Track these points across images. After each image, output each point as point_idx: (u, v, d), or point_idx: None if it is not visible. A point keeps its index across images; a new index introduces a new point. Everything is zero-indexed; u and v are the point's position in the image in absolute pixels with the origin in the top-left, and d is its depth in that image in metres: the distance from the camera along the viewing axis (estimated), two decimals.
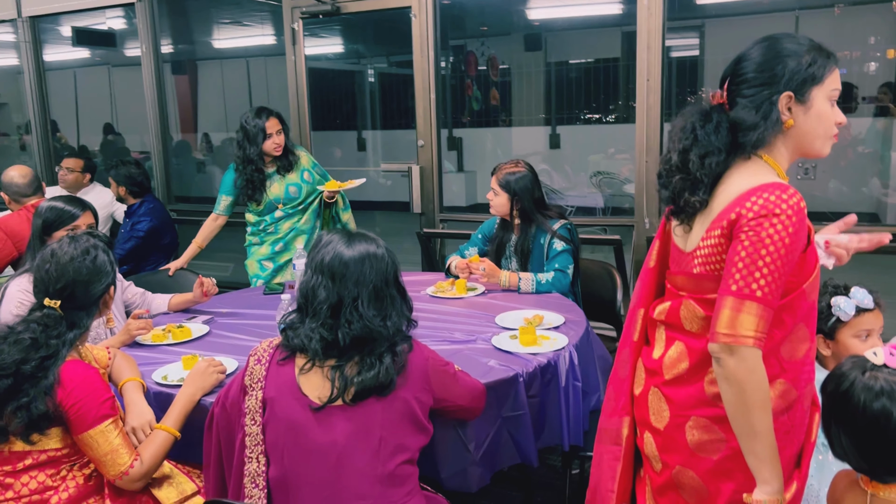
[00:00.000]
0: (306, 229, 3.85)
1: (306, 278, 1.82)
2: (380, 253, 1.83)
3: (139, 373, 2.29)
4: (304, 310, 1.81)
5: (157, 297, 3.04)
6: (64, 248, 2.00)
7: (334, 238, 1.85)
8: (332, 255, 1.80)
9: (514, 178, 3.15)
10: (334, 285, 1.78)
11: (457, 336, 2.57)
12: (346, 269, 1.78)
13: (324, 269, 1.79)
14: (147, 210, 4.40)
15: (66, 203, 2.71)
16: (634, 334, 1.83)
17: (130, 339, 2.59)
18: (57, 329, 1.94)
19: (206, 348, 2.57)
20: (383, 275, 1.82)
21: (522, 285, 3.07)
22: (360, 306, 1.77)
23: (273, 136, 3.66)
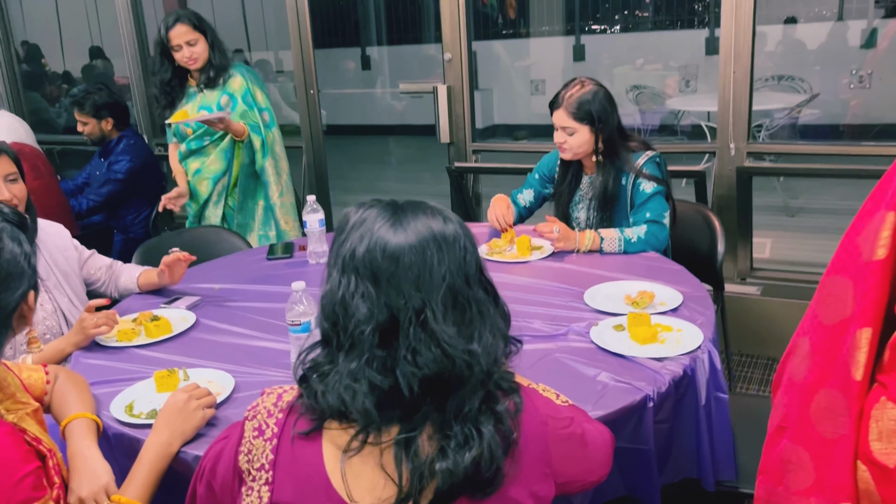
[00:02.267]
0: (213, 174, 3.10)
1: (331, 286, 1.05)
2: (450, 232, 1.05)
3: (92, 402, 1.54)
4: (334, 339, 1.04)
5: (127, 269, 2.26)
6: None
7: (371, 214, 1.06)
8: (371, 242, 1.02)
9: (592, 102, 2.30)
10: (380, 293, 1.01)
11: (537, 326, 1.80)
12: (398, 263, 1.01)
13: (359, 269, 1.02)
14: (126, 147, 3.57)
15: None
16: (856, 370, 1.05)
17: (87, 339, 1.83)
18: None
19: (192, 352, 1.81)
20: (461, 267, 1.04)
21: (606, 245, 2.28)
22: (430, 322, 1.00)
23: (183, 48, 2.90)
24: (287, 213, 3.20)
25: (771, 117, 5.18)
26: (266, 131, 3.08)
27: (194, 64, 2.95)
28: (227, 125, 2.92)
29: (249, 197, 3.16)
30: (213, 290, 2.22)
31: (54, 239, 2.09)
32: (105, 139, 3.60)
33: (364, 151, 8.21)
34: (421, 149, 7.65)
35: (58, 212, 3.00)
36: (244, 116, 3.02)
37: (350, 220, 1.08)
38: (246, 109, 3.02)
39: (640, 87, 6.22)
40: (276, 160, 3.13)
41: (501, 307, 1.12)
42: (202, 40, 2.94)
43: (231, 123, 2.93)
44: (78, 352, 1.83)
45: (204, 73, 3.00)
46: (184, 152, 3.11)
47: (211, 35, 2.97)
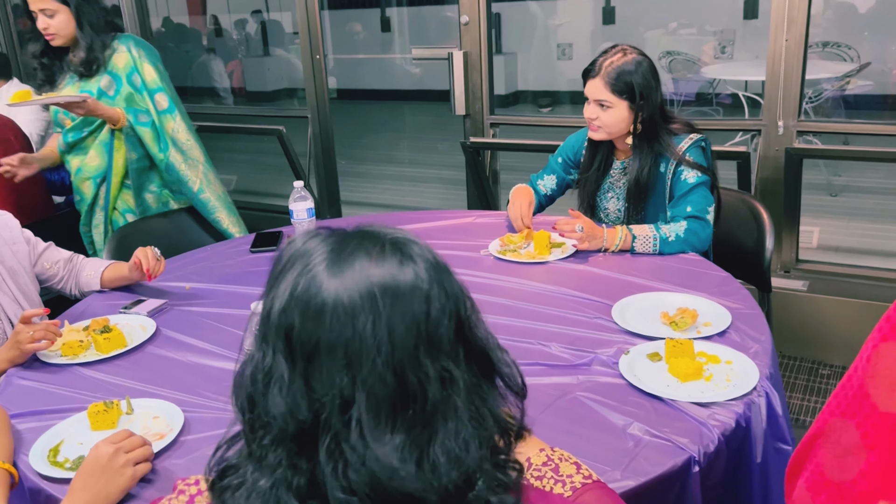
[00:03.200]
0: (94, 173, 2.56)
1: (244, 359, 0.74)
2: (405, 280, 0.71)
3: (8, 446, 1.26)
4: (243, 437, 0.74)
5: (89, 263, 1.97)
6: None
7: (312, 247, 0.73)
8: (295, 293, 0.71)
9: (634, 73, 1.93)
10: (295, 375, 0.69)
11: (555, 352, 1.48)
12: (320, 326, 0.69)
13: (272, 334, 0.71)
14: None
15: None
16: None
17: (23, 355, 1.54)
18: None
19: (144, 373, 1.52)
20: (419, 333, 0.70)
21: (639, 245, 1.94)
22: (362, 424, 0.68)
23: (38, 16, 2.36)
24: (219, 210, 2.66)
25: (815, 89, 4.74)
26: (161, 117, 2.52)
27: (52, 39, 2.39)
28: (92, 110, 2.35)
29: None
30: (182, 290, 1.92)
31: (0, 230, 1.80)
32: None
33: (377, 118, 7.84)
34: (438, 116, 7.27)
35: (30, 190, 2.72)
36: (129, 101, 2.48)
37: (283, 256, 0.75)
38: (132, 92, 2.48)
39: (673, 54, 5.77)
40: (183, 151, 2.58)
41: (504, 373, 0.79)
42: (64, 12, 2.36)
43: (98, 108, 2.37)
44: (13, 369, 1.54)
45: (74, 53, 2.47)
46: (62, 147, 2.55)
47: (78, 8, 2.37)
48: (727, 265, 1.90)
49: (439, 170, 5.84)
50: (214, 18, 9.35)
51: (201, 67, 6.88)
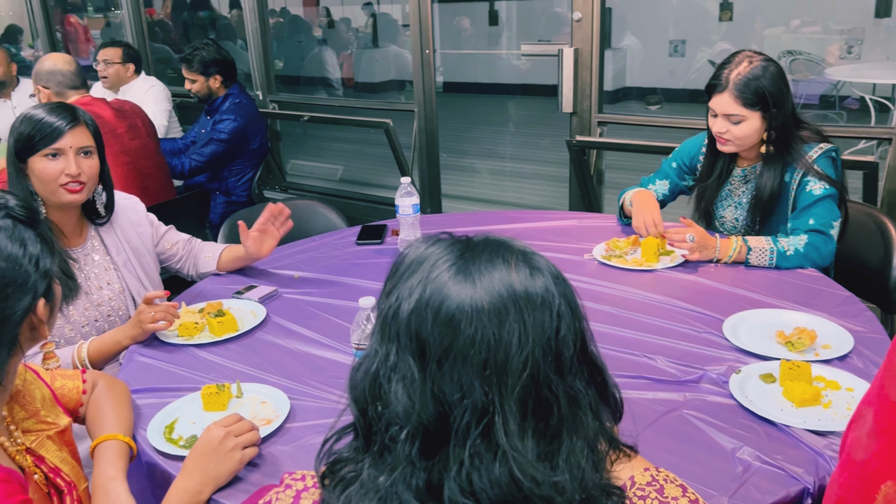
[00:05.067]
0: None
1: (366, 355, 0.75)
2: (537, 290, 0.71)
3: (129, 419, 1.33)
4: (362, 433, 0.75)
5: (208, 246, 2.06)
6: None
7: (434, 253, 0.74)
8: (423, 297, 0.71)
9: (763, 78, 1.84)
10: (427, 377, 0.70)
11: (661, 366, 1.43)
12: (457, 334, 0.69)
13: (401, 335, 0.71)
14: (231, 106, 3.40)
15: (49, 112, 1.69)
16: None
17: (144, 334, 1.63)
18: None
19: (254, 358, 1.58)
20: (551, 347, 0.70)
21: (754, 257, 1.84)
22: (496, 430, 0.68)
23: None
24: None
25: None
26: None
27: None
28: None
29: None
30: (291, 278, 1.98)
31: (128, 213, 1.91)
32: (212, 96, 3.45)
33: (481, 112, 7.84)
34: (543, 111, 7.19)
35: (154, 173, 2.87)
36: None
37: (406, 259, 0.76)
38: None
39: (795, 53, 5.48)
40: None
41: (611, 394, 0.78)
42: None
43: None
44: (134, 346, 1.63)
45: None
46: None
47: None
48: (849, 283, 1.79)
49: (541, 166, 5.79)
50: (326, 10, 9.59)
51: (315, 58, 7.07)
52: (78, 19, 8.30)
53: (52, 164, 1.66)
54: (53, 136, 1.65)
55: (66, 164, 1.66)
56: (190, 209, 2.90)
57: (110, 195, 1.84)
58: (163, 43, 6.93)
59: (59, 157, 1.67)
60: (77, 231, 1.81)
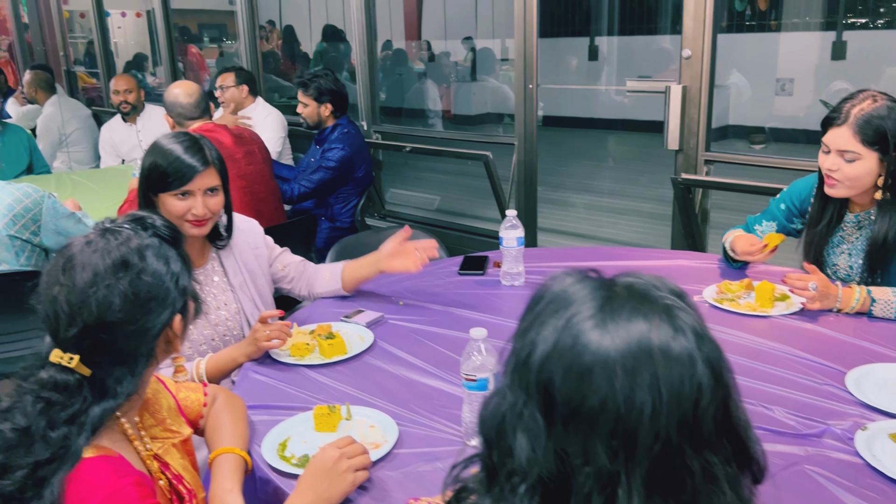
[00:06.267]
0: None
1: (496, 391, 0.75)
2: (679, 350, 0.68)
3: (245, 434, 1.39)
4: (486, 468, 0.74)
5: (323, 270, 2.10)
6: (86, 256, 1.07)
7: (578, 292, 0.72)
8: (560, 343, 0.69)
9: (887, 119, 1.75)
10: (551, 431, 0.68)
11: (779, 417, 1.38)
12: (588, 388, 0.67)
13: (531, 383, 0.70)
14: (340, 136, 3.52)
15: (184, 151, 1.79)
16: None
17: (259, 351, 1.70)
18: (73, 403, 1.04)
19: (362, 381, 1.61)
20: (689, 417, 0.67)
21: (878, 309, 1.75)
22: (619, 501, 0.66)
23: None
24: None
25: None
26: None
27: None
28: None
29: None
30: (396, 305, 2.02)
31: (246, 235, 2.00)
32: (321, 125, 3.58)
33: (578, 146, 7.82)
34: (642, 147, 7.09)
35: (267, 197, 3.00)
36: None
37: (547, 294, 0.74)
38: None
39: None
40: None
41: (753, 457, 0.73)
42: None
43: None
44: (249, 364, 1.70)
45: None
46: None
47: None
48: None
49: (638, 202, 5.69)
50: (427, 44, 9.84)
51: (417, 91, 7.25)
52: (198, 49, 8.83)
53: (180, 203, 1.76)
54: (185, 179, 1.75)
55: (194, 203, 1.76)
56: (298, 233, 3.00)
57: (230, 218, 1.93)
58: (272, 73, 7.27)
59: (188, 197, 1.77)
60: (200, 253, 1.90)
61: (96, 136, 5.12)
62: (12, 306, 2.38)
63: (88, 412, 1.05)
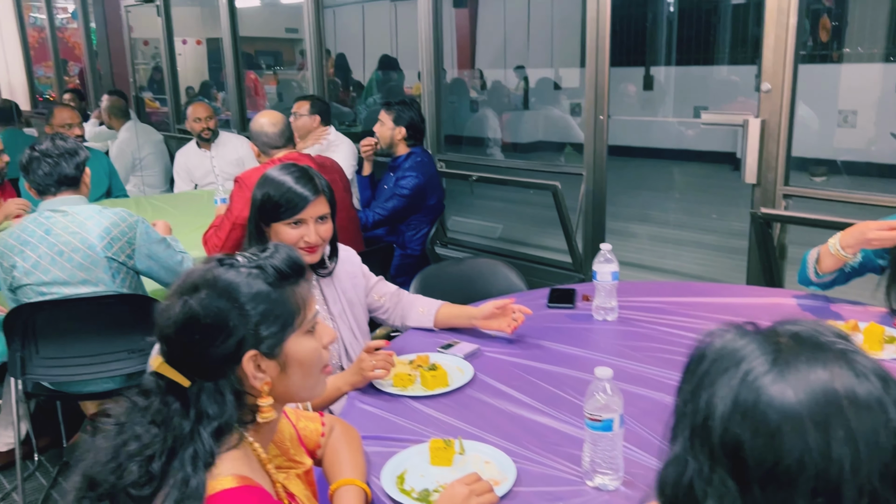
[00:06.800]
0: None
1: (675, 457, 0.73)
2: (865, 393, 0.66)
3: (363, 465, 1.39)
4: None
5: (418, 301, 2.11)
6: (166, 304, 1.08)
7: (743, 347, 0.71)
8: (737, 401, 0.68)
9: None
10: (749, 498, 0.67)
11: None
12: (780, 445, 0.65)
13: (715, 447, 0.69)
14: (414, 164, 3.57)
15: (296, 181, 1.83)
16: None
17: (364, 381, 1.71)
18: (163, 408, 1.04)
19: (468, 415, 1.61)
20: (887, 460, 0.65)
21: None
22: None
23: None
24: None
25: None
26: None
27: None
28: None
29: None
30: (489, 337, 2.01)
31: (345, 264, 2.03)
32: (392, 148, 3.62)
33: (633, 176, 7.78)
34: (699, 178, 7.03)
35: (348, 226, 3.03)
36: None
37: (709, 354, 0.73)
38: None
39: None
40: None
41: None
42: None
43: None
44: (353, 393, 1.71)
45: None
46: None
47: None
48: None
49: (700, 234, 5.63)
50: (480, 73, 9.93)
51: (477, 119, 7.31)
52: (256, 75, 9.06)
53: (294, 231, 1.81)
54: (297, 209, 1.80)
55: (307, 231, 1.81)
56: (374, 261, 3.02)
57: (334, 247, 1.96)
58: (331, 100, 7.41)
59: (301, 225, 1.81)
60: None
61: (167, 160, 5.27)
62: (106, 327, 2.44)
63: (189, 430, 1.03)
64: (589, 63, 3.74)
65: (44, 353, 2.43)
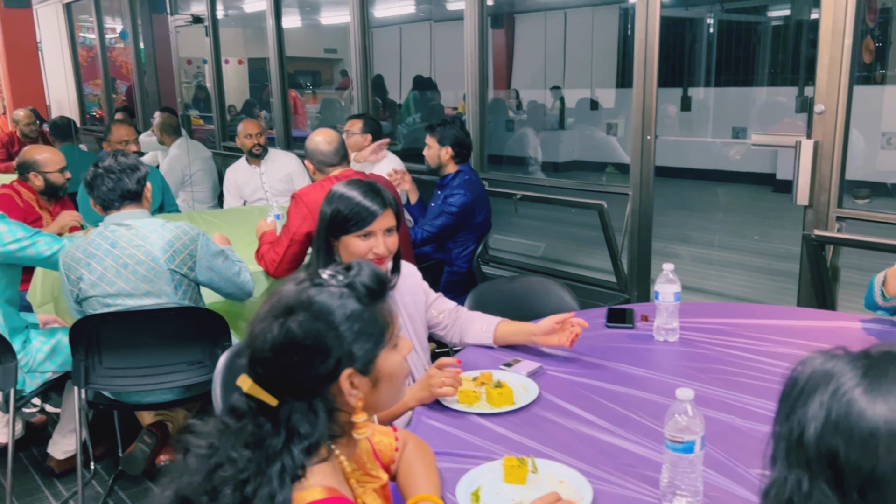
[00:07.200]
0: None
1: (776, 477, 0.73)
2: None
3: (438, 481, 1.39)
4: None
5: (476, 318, 2.11)
6: (258, 328, 1.08)
7: (836, 368, 0.72)
8: (832, 417, 0.69)
9: None
10: (847, 500, 0.67)
11: None
12: (876, 456, 0.66)
13: (812, 461, 0.69)
14: (462, 182, 3.59)
15: (364, 195, 1.87)
16: None
17: (431, 397, 1.71)
18: (250, 427, 1.05)
19: (537, 434, 1.60)
20: None
21: None
22: None
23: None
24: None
25: None
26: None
27: None
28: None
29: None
30: (549, 355, 2.01)
31: (406, 279, 2.04)
32: (441, 168, 3.64)
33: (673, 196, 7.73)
34: (740, 198, 6.95)
35: (402, 242, 3.04)
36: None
37: (801, 377, 0.74)
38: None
39: None
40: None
41: None
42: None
43: None
44: (420, 409, 1.71)
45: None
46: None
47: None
48: None
49: (743, 255, 5.56)
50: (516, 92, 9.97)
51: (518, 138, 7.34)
52: (297, 94, 9.20)
53: (362, 243, 1.83)
54: (367, 221, 1.82)
55: (375, 243, 1.83)
56: (425, 278, 3.03)
57: (396, 262, 1.98)
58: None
59: (370, 237, 1.83)
60: None
61: (215, 176, 5.36)
62: (167, 339, 2.48)
63: (281, 449, 1.03)
64: (636, 83, 3.73)
65: (106, 364, 2.48)
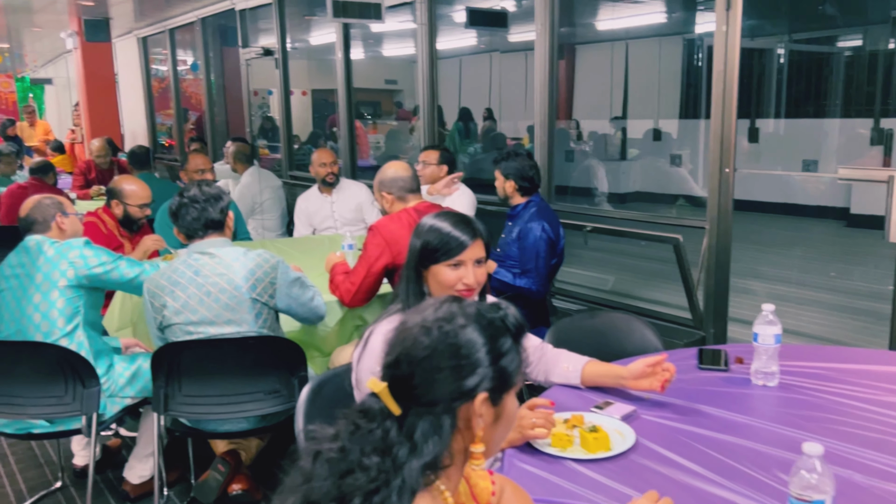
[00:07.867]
0: None
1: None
2: None
3: None
4: None
5: (563, 357, 2.03)
6: (414, 330, 1.06)
7: None
8: None
9: None
10: None
11: None
12: None
13: None
14: (535, 213, 3.51)
15: (454, 225, 1.83)
16: None
17: (522, 439, 1.63)
18: (378, 432, 1.01)
19: (637, 483, 1.50)
20: None
21: None
22: None
23: None
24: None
25: None
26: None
27: None
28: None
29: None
30: (640, 398, 1.91)
31: None
32: (508, 199, 3.59)
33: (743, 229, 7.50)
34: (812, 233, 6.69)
35: None
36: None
37: None
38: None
39: None
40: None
41: None
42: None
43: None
44: (511, 451, 1.64)
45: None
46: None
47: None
48: None
49: (818, 293, 5.33)
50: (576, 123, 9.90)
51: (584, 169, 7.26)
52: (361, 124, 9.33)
53: (452, 272, 1.78)
54: (457, 250, 1.78)
55: (465, 273, 1.78)
56: None
57: (482, 296, 1.92)
58: None
59: (460, 267, 1.79)
60: None
61: (284, 205, 5.42)
62: (245, 368, 2.47)
63: (404, 462, 0.99)
64: (714, 115, 3.63)
65: (186, 391, 2.47)
